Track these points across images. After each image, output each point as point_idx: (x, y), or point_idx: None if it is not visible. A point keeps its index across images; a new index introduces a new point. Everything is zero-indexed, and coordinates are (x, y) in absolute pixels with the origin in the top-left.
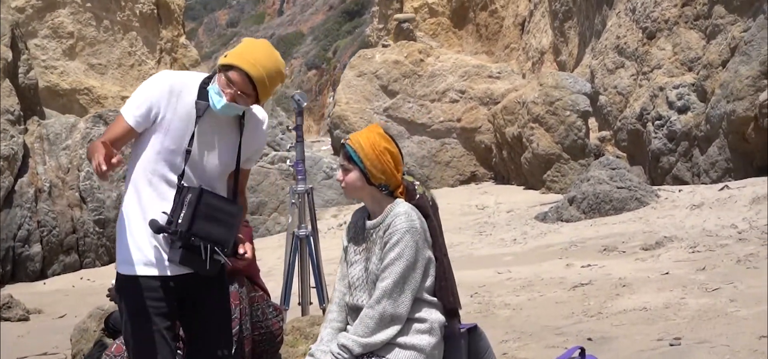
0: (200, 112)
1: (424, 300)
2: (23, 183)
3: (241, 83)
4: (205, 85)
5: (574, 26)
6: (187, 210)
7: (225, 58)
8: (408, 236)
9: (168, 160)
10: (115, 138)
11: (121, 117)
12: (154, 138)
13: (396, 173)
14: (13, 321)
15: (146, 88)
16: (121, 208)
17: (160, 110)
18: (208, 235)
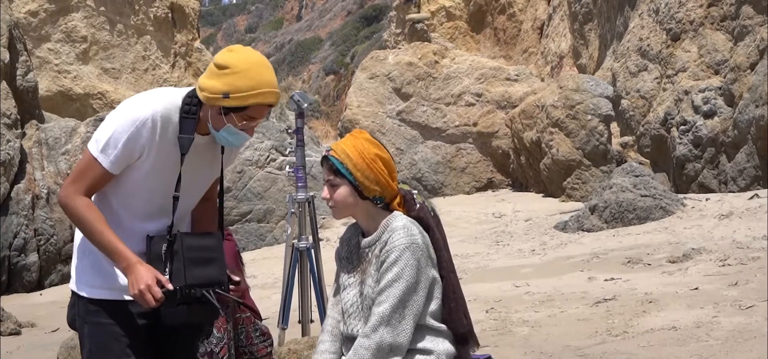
0: (185, 149)
1: (429, 326)
2: (20, 190)
3: (263, 114)
4: (186, 113)
5: (594, 28)
6: (176, 263)
7: (238, 99)
8: (407, 253)
9: (143, 200)
10: (91, 187)
11: (94, 161)
12: (130, 175)
13: (391, 182)
14: (4, 335)
15: (124, 123)
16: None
17: (143, 150)
18: (206, 280)
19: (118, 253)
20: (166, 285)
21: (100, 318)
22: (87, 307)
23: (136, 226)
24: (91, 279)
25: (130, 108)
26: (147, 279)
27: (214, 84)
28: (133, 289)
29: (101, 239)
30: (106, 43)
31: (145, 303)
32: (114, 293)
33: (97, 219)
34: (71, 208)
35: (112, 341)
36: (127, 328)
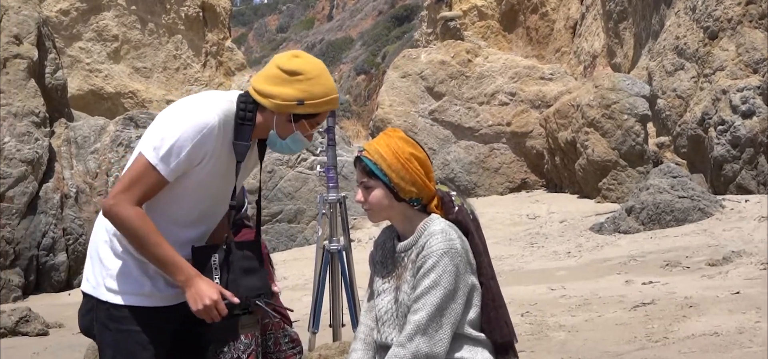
0: (242, 157)
1: (468, 336)
2: (48, 189)
3: (325, 118)
4: (242, 119)
5: (629, 27)
6: (230, 274)
7: (313, 106)
8: (446, 259)
9: (187, 207)
10: (144, 196)
11: (151, 169)
12: (182, 182)
13: (428, 182)
14: (31, 336)
15: (189, 129)
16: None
17: (204, 157)
18: (255, 290)
19: (177, 266)
20: (230, 299)
21: (127, 325)
22: (111, 313)
23: (174, 233)
24: (118, 284)
25: (194, 113)
26: (211, 293)
27: (287, 91)
28: (197, 304)
29: (157, 252)
30: (138, 42)
31: (210, 318)
32: (142, 299)
33: (151, 231)
34: (122, 218)
35: (140, 349)
36: (155, 336)
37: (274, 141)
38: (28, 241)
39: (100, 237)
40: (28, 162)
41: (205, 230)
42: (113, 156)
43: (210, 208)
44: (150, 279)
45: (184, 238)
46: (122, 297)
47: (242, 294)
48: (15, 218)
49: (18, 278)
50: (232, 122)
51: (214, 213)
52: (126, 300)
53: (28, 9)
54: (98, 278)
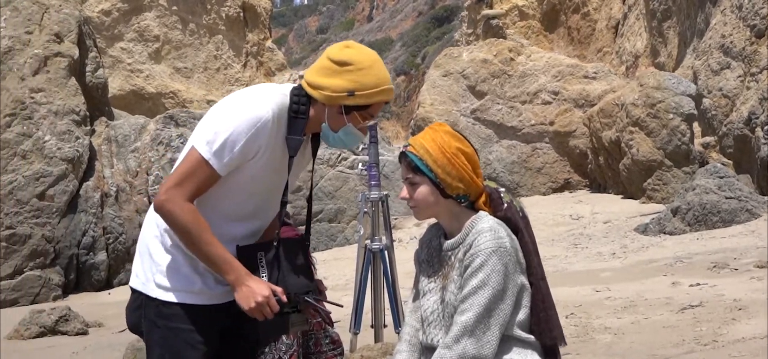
0: (294, 151)
1: (516, 337)
2: (88, 187)
3: (379, 112)
4: (296, 112)
5: (673, 26)
6: (280, 272)
7: (364, 97)
8: (494, 258)
9: (239, 202)
10: (197, 191)
11: (204, 163)
12: (234, 177)
13: (475, 178)
14: (70, 335)
15: (243, 123)
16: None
17: (258, 151)
18: (304, 288)
19: (228, 264)
20: (280, 296)
21: (176, 323)
22: (160, 310)
23: (226, 228)
24: (168, 281)
25: (247, 107)
26: (263, 290)
27: (337, 82)
28: (249, 302)
29: (208, 250)
30: (179, 42)
31: (261, 316)
32: (193, 297)
33: (203, 228)
34: (174, 214)
35: (188, 348)
36: (204, 335)
37: (326, 135)
38: (69, 240)
39: (151, 232)
40: (68, 161)
41: (259, 225)
42: (153, 155)
43: (263, 203)
44: (200, 276)
45: (237, 234)
46: (172, 294)
47: (291, 292)
48: (55, 217)
49: (58, 276)
50: (285, 115)
51: (267, 209)
52: (176, 297)
53: (69, 7)
54: (148, 273)
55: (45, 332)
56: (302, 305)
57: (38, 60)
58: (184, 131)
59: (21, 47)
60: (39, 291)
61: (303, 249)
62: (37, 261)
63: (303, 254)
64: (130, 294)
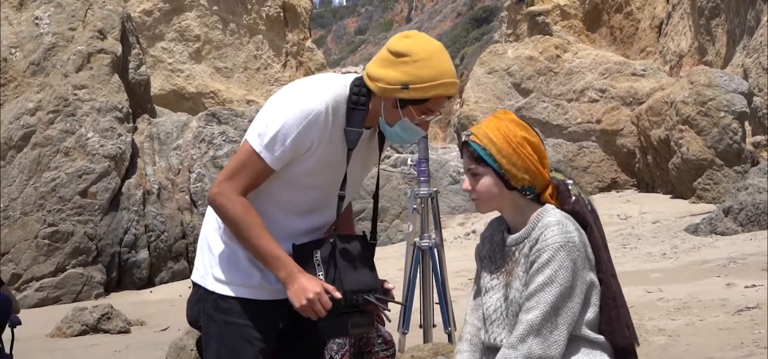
0: (353, 144)
1: (585, 338)
2: (131, 185)
3: (441, 106)
4: (355, 104)
5: (721, 24)
6: (334, 269)
7: (419, 91)
8: (562, 253)
9: (297, 197)
10: (249, 184)
11: (256, 156)
12: (290, 170)
13: (542, 169)
14: (112, 334)
15: (294, 116)
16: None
17: (312, 144)
18: (364, 286)
19: (279, 260)
20: (333, 294)
21: (233, 317)
22: (217, 305)
23: (284, 222)
24: (226, 274)
25: (300, 99)
26: (315, 287)
27: (392, 74)
28: (300, 299)
29: (259, 244)
30: (219, 42)
31: (314, 315)
32: (252, 291)
33: (255, 223)
34: (226, 208)
35: (245, 344)
36: (263, 331)
37: (384, 128)
38: (111, 237)
39: (211, 226)
40: (111, 158)
41: (320, 221)
42: (195, 153)
43: (323, 198)
44: (259, 271)
45: (297, 228)
46: (230, 288)
47: (347, 290)
48: (97, 215)
49: (100, 274)
50: (343, 107)
51: (326, 203)
52: (233, 292)
53: (113, 4)
54: (206, 267)
55: (87, 330)
56: (363, 305)
57: (81, 57)
58: (226, 129)
59: (64, 44)
60: (81, 288)
61: (365, 247)
62: (79, 259)
63: (365, 251)
64: (192, 288)
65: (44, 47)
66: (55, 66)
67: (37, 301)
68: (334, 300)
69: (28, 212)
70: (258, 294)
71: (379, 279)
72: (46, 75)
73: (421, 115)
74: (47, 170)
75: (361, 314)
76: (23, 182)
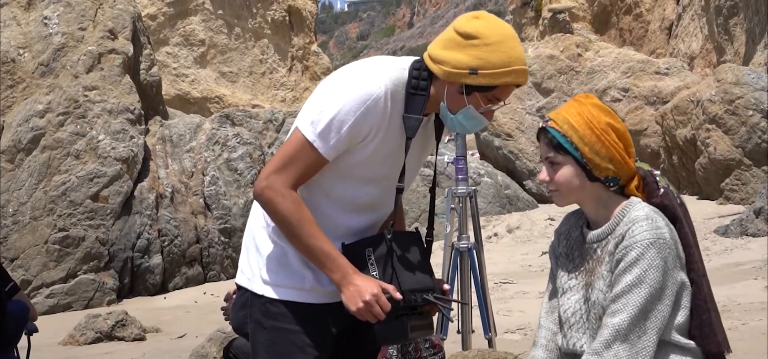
0: (412, 132)
1: (674, 343)
2: (143, 188)
3: (508, 95)
4: (415, 89)
5: (740, 23)
6: (393, 269)
7: (488, 77)
8: (652, 250)
9: (350, 190)
10: (301, 177)
11: (308, 146)
12: (344, 160)
13: (627, 158)
14: (127, 341)
15: (352, 101)
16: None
17: (369, 132)
18: (422, 286)
19: (333, 261)
20: (392, 294)
21: (283, 323)
22: (266, 309)
23: (336, 219)
24: (276, 276)
25: (357, 83)
26: (372, 287)
27: (459, 57)
28: (356, 302)
29: (311, 243)
30: (224, 46)
31: (372, 318)
32: (304, 294)
33: (307, 220)
34: (275, 203)
35: (296, 351)
36: (315, 338)
37: (445, 115)
38: (123, 242)
39: (257, 223)
40: (123, 161)
41: (376, 217)
42: (209, 155)
43: (375, 192)
44: (312, 272)
45: (353, 226)
46: (280, 291)
47: (406, 290)
48: (109, 219)
49: (112, 280)
50: (402, 92)
51: (385, 198)
52: (284, 295)
53: (123, 3)
54: (253, 268)
55: (101, 337)
56: (422, 306)
57: (92, 57)
58: (241, 131)
59: (74, 44)
60: (93, 295)
61: (420, 245)
62: (90, 264)
63: (420, 249)
64: (236, 291)
65: (53, 48)
66: (64, 67)
67: (48, 308)
68: (393, 302)
69: (38, 216)
70: (311, 298)
71: (434, 276)
72: (56, 76)
73: (487, 103)
74: (57, 173)
75: (419, 316)
76: (33, 186)
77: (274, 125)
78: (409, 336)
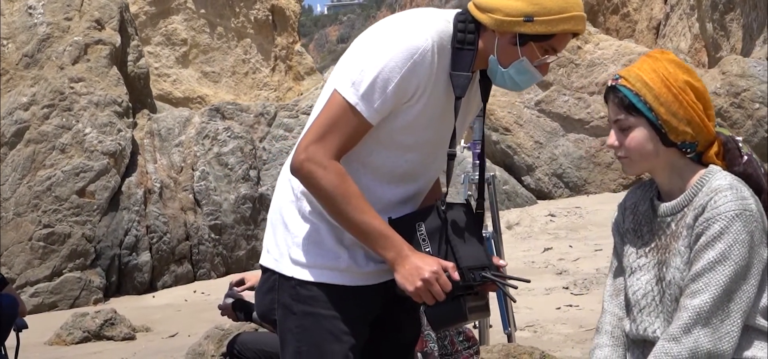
0: (462, 91)
1: (758, 328)
2: (131, 183)
3: (565, 46)
4: (461, 42)
5: (736, 18)
6: (448, 244)
7: (545, 24)
8: (738, 223)
9: (394, 158)
10: (344, 145)
11: (350, 109)
12: (387, 125)
13: (707, 121)
14: (117, 341)
15: (397, 56)
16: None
17: (416, 91)
18: (479, 262)
19: (387, 238)
20: (452, 274)
21: (316, 307)
22: (297, 292)
23: (376, 191)
24: (308, 256)
25: (401, 36)
26: (432, 265)
27: (512, 3)
28: (414, 281)
29: (361, 219)
30: (206, 46)
31: (431, 299)
32: (339, 276)
33: (354, 194)
34: (318, 177)
35: (332, 340)
36: (353, 324)
37: (494, 71)
38: (110, 239)
39: (285, 198)
40: (110, 155)
41: (417, 188)
42: (199, 149)
43: (423, 160)
44: (347, 250)
45: (391, 198)
46: (313, 272)
47: (463, 267)
48: (96, 215)
49: (99, 278)
50: (448, 47)
51: (428, 167)
52: (317, 276)
53: None
54: (281, 247)
55: (89, 337)
56: (480, 285)
57: (78, 48)
58: (231, 124)
59: (60, 34)
60: (79, 293)
61: (472, 217)
62: (77, 262)
63: (473, 222)
64: (260, 275)
65: (38, 38)
66: (49, 58)
67: (32, 307)
68: (452, 281)
69: (22, 212)
70: (347, 279)
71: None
72: (41, 68)
73: (543, 54)
74: (42, 168)
75: (475, 296)
76: (16, 181)
77: (266, 118)
78: (468, 318)
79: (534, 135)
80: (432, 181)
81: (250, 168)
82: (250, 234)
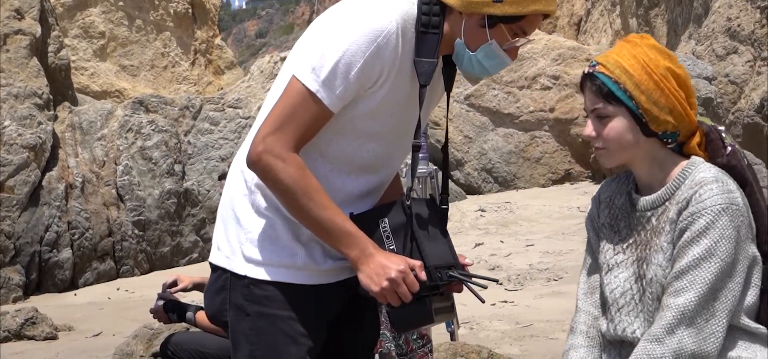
0: (427, 78)
1: (743, 328)
2: (52, 178)
3: (536, 28)
4: (426, 26)
5: (661, 13)
6: (419, 240)
7: (515, 5)
8: (724, 218)
9: (352, 149)
10: (304, 135)
11: (310, 97)
12: (347, 113)
13: (689, 110)
14: (38, 340)
15: (360, 39)
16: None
17: (380, 76)
18: (444, 261)
19: (351, 237)
20: (418, 273)
21: (271, 308)
22: (250, 292)
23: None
24: (262, 252)
25: (364, 17)
26: (399, 264)
27: None
28: (379, 281)
29: (323, 216)
30: (125, 39)
31: (395, 299)
32: (296, 274)
33: (315, 188)
34: (277, 170)
35: (288, 342)
36: (308, 325)
37: (461, 55)
38: (30, 235)
39: (238, 191)
40: (30, 148)
41: (378, 181)
42: (122, 143)
43: (385, 150)
44: (304, 247)
45: (351, 190)
46: (267, 271)
47: (430, 266)
48: (15, 210)
49: (18, 276)
50: (412, 30)
51: (390, 158)
52: (272, 275)
53: None
54: (233, 244)
55: (9, 337)
56: (445, 284)
57: None
58: (156, 117)
59: None
60: None
61: (437, 213)
62: None
63: (439, 219)
64: (210, 274)
65: None
66: None
67: None
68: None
69: None
70: (304, 278)
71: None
72: None
73: (513, 37)
74: None
75: (440, 297)
76: None
77: (191, 111)
78: (434, 320)
79: (463, 129)
80: (394, 173)
81: (175, 162)
82: (174, 230)
